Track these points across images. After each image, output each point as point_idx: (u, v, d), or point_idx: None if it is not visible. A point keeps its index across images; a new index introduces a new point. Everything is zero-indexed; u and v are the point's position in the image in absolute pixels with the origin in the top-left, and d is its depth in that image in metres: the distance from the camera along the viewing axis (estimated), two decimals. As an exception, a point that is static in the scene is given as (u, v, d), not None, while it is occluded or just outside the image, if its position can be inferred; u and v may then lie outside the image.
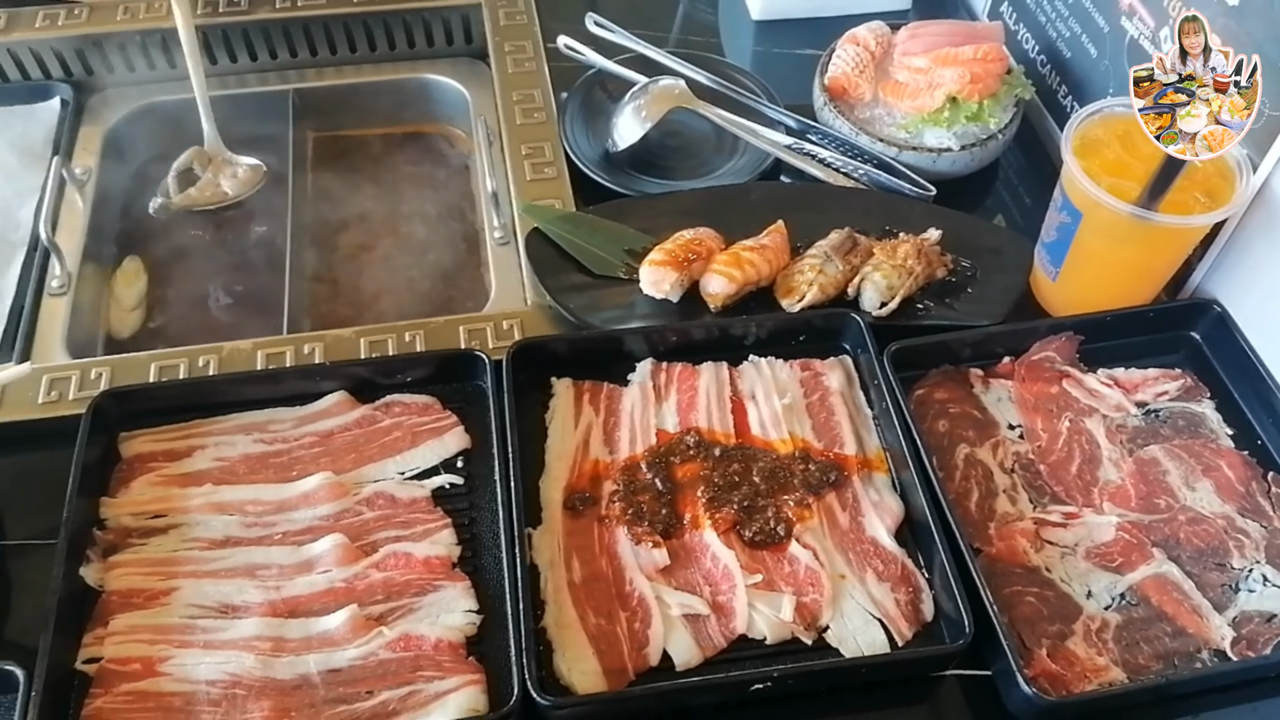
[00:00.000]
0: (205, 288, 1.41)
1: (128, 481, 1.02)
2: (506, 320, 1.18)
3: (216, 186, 1.43)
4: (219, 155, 1.43)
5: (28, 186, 1.39)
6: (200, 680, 0.89)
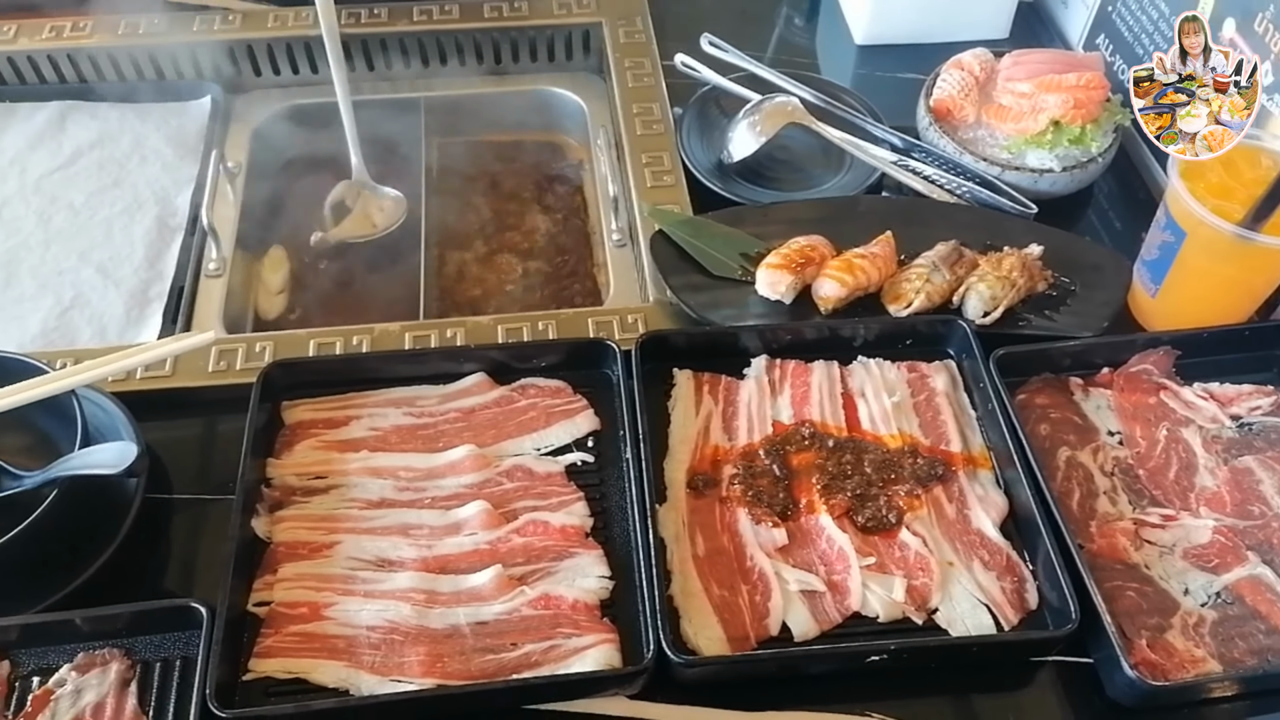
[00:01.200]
0: (344, 276, 1.49)
1: (291, 445, 1.10)
2: (631, 315, 1.25)
3: (366, 218, 1.51)
4: (365, 188, 1.50)
5: (183, 177, 1.49)
6: (361, 625, 0.96)
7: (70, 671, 0.92)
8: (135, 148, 1.51)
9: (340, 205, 1.50)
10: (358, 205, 1.50)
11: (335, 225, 1.49)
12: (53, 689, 0.91)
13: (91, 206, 1.43)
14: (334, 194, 1.50)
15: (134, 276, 1.35)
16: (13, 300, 1.31)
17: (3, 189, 1.44)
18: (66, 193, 1.44)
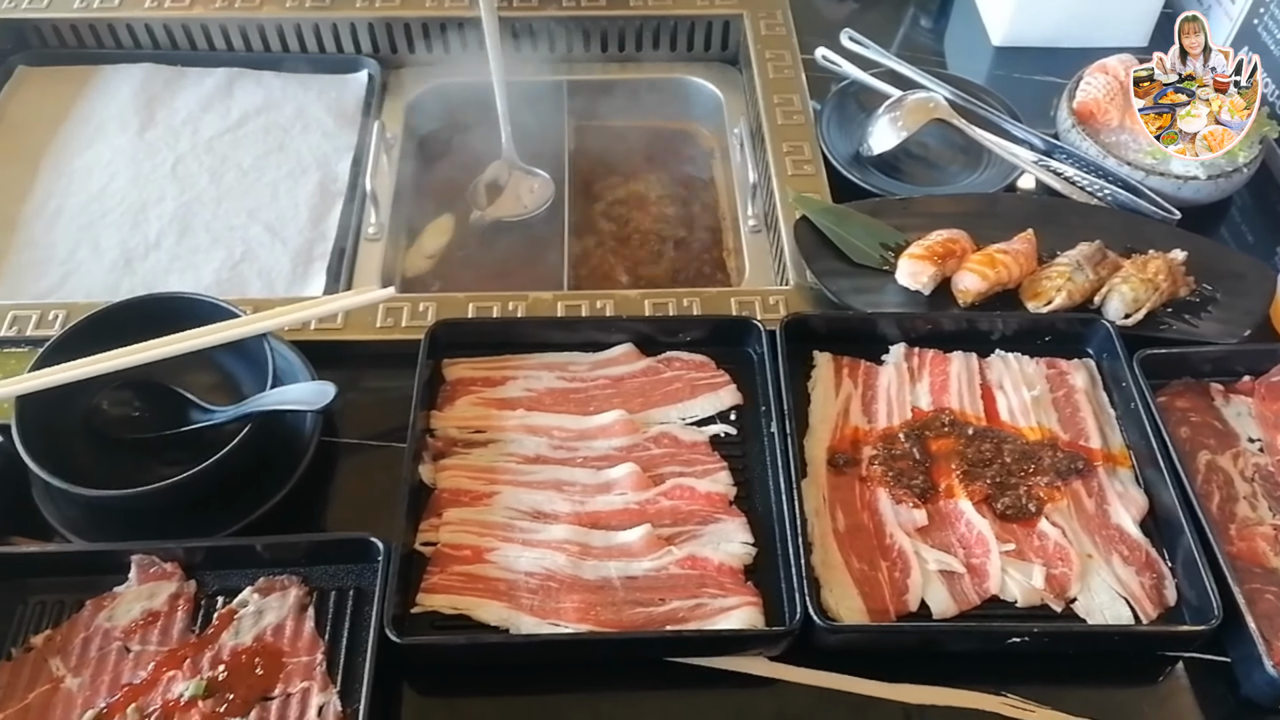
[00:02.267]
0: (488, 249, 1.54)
1: (452, 400, 1.15)
2: (772, 296, 1.27)
3: (516, 199, 1.56)
4: (515, 168, 1.55)
5: (342, 145, 1.55)
6: (520, 571, 1.01)
7: (252, 594, 0.98)
8: (298, 115, 1.58)
9: (492, 184, 1.55)
10: (509, 185, 1.55)
11: (488, 203, 1.54)
12: (236, 609, 0.97)
13: (259, 168, 1.50)
14: (487, 173, 1.55)
15: (299, 236, 1.42)
16: (188, 250, 1.39)
17: (177, 147, 1.51)
18: (235, 154, 1.52)
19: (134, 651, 0.94)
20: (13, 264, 1.35)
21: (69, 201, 1.43)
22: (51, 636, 0.95)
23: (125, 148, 1.50)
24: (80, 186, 1.45)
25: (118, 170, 1.47)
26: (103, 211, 1.42)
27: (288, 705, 0.91)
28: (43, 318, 1.19)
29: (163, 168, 1.48)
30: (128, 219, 1.41)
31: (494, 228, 1.56)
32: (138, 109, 1.56)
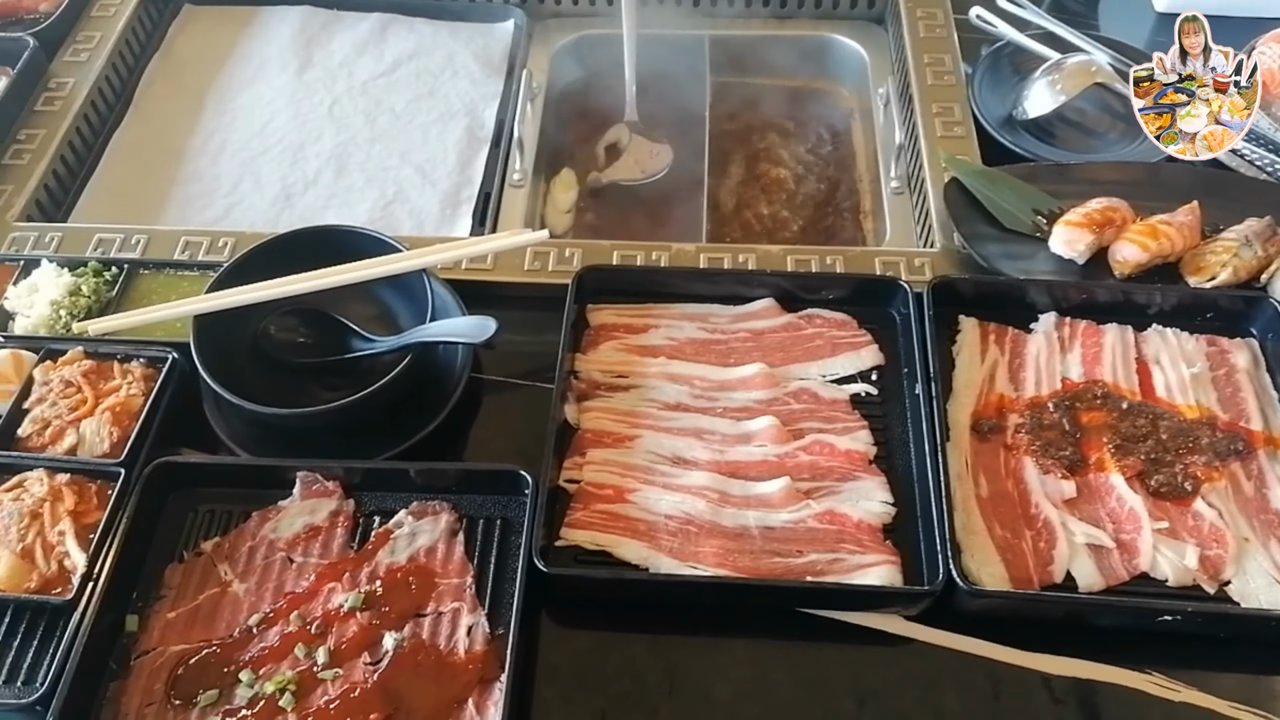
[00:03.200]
0: (626, 201, 1.54)
1: (596, 344, 1.16)
2: (918, 258, 1.24)
3: (634, 164, 1.55)
4: (637, 133, 1.54)
5: (489, 93, 1.57)
6: (660, 513, 1.01)
7: (407, 516, 1.01)
8: (448, 62, 1.60)
9: (612, 147, 1.55)
10: (629, 150, 1.54)
11: (608, 165, 1.55)
12: (392, 529, 1.01)
13: (410, 112, 1.53)
14: (608, 135, 1.55)
15: (447, 179, 1.44)
16: (344, 188, 1.42)
17: (334, 88, 1.55)
18: (389, 97, 1.54)
19: (296, 562, 0.98)
20: (181, 194, 1.41)
21: (232, 137, 1.48)
22: (220, 543, 1.00)
23: (285, 87, 1.55)
24: (243, 123, 1.50)
25: (278, 109, 1.52)
26: (264, 148, 1.47)
27: (439, 623, 0.94)
28: (212, 244, 1.24)
29: (320, 108, 1.52)
30: (287, 156, 1.46)
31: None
32: (296, 50, 1.60)
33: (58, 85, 1.43)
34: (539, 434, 1.07)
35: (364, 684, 0.89)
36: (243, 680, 0.90)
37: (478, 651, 0.92)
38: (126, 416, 1.03)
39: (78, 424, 1.01)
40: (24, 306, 1.14)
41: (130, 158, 1.44)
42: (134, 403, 1.04)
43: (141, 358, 1.08)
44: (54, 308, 1.13)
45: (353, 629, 0.93)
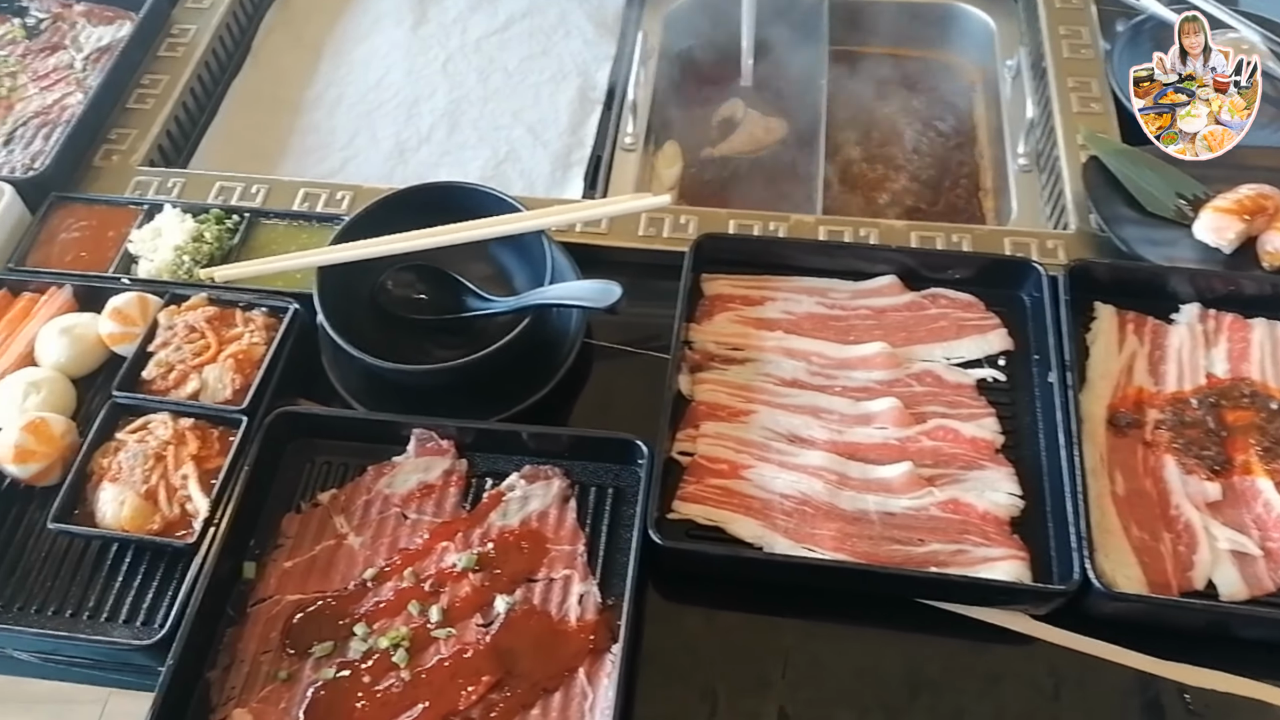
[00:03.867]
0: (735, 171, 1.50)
1: (711, 315, 1.12)
2: (1050, 240, 1.17)
3: (750, 136, 1.51)
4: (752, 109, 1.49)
5: (602, 54, 1.53)
6: (775, 492, 0.98)
7: (519, 479, 0.99)
8: (560, 21, 1.56)
9: (728, 120, 1.50)
10: (744, 124, 1.49)
11: (722, 139, 1.50)
12: (504, 491, 0.99)
13: (523, 71, 1.50)
14: (722, 110, 1.51)
15: (558, 140, 1.41)
16: (456, 145, 1.40)
17: (448, 44, 1.53)
18: (502, 55, 1.52)
19: (410, 519, 0.97)
20: (298, 145, 1.40)
21: (348, 90, 1.47)
22: (336, 495, 0.99)
23: (400, 42, 1.53)
24: (359, 76, 1.49)
25: (393, 63, 1.50)
26: (379, 102, 1.45)
27: (550, 589, 0.92)
28: (331, 197, 1.23)
29: (434, 64, 1.50)
30: (402, 111, 1.44)
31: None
32: (411, 5, 1.58)
33: (180, 31, 1.43)
34: (648, 403, 1.04)
35: (476, 645, 0.88)
36: (357, 634, 0.89)
37: (589, 620, 0.90)
38: (249, 364, 1.02)
39: (201, 370, 1.01)
40: (148, 250, 1.14)
41: (248, 107, 1.44)
42: (256, 351, 1.03)
43: (263, 307, 1.07)
44: (177, 253, 1.13)
45: (465, 589, 0.92)
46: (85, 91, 1.34)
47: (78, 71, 1.37)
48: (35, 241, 1.16)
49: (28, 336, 1.05)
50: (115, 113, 1.33)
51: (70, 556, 0.95)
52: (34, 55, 1.40)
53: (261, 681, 0.87)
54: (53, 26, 1.44)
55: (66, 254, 1.15)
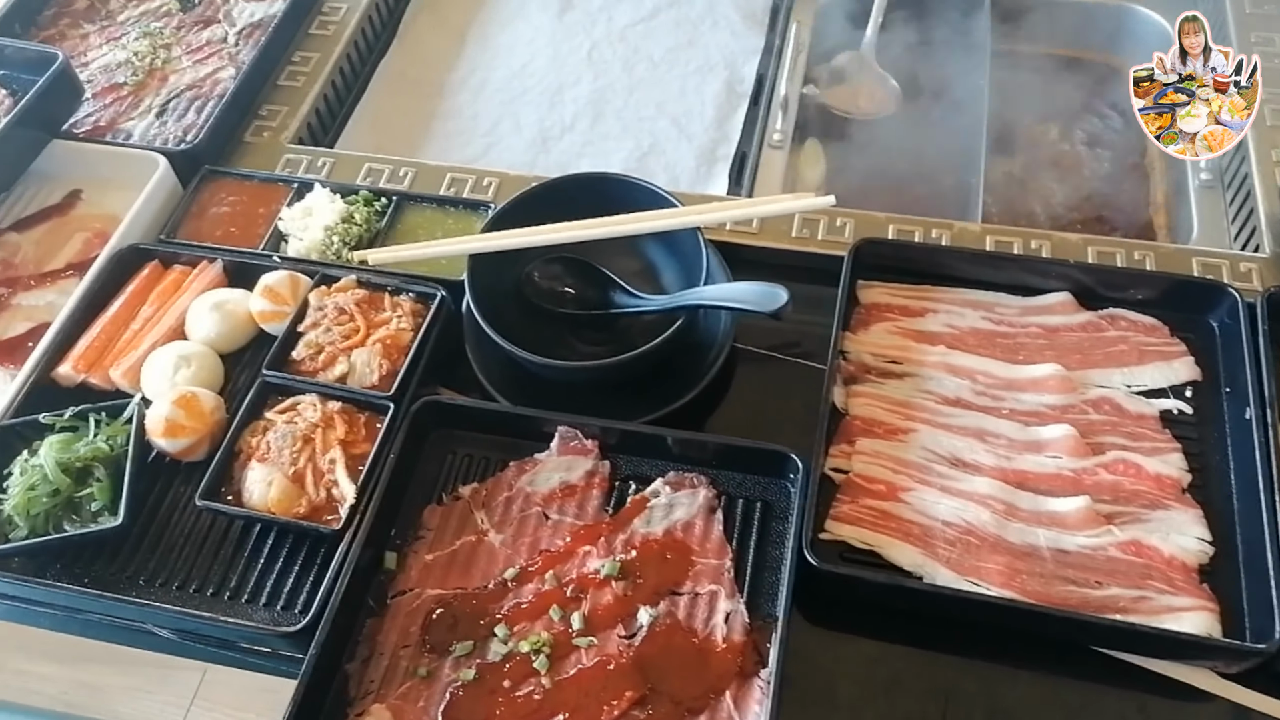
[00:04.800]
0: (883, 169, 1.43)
1: (867, 324, 1.06)
2: (1244, 263, 1.08)
3: (853, 98, 1.44)
4: (869, 68, 1.42)
5: (749, 46, 1.47)
6: (937, 518, 0.92)
7: (663, 485, 0.95)
8: (708, 11, 1.51)
9: (839, 71, 1.44)
10: (855, 79, 1.42)
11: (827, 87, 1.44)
12: (648, 497, 0.95)
13: (668, 62, 1.45)
14: (838, 59, 1.44)
15: (704, 134, 1.36)
16: (599, 136, 1.37)
17: (593, 32, 1.49)
18: (647, 45, 1.48)
19: (551, 519, 0.94)
20: (441, 130, 1.39)
21: (492, 75, 1.45)
22: (478, 490, 0.96)
23: (545, 28, 1.50)
24: (503, 62, 1.46)
25: (537, 50, 1.47)
26: (523, 89, 1.43)
27: (695, 604, 0.88)
28: (478, 183, 1.21)
29: (579, 52, 1.47)
30: (545, 99, 1.41)
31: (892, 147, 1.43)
32: (558, -10, 1.55)
33: (330, 10, 1.43)
34: (796, 413, 1.00)
35: (619, 657, 0.84)
36: (497, 635, 0.86)
37: (737, 641, 0.85)
38: (396, 350, 1.01)
39: (349, 353, 1.00)
40: (297, 229, 1.14)
41: (394, 89, 1.43)
42: (403, 337, 1.01)
43: (410, 292, 1.06)
44: (327, 233, 1.12)
45: (608, 597, 0.88)
46: (237, 66, 1.34)
47: (230, 46, 1.38)
48: (186, 214, 1.17)
49: (179, 310, 1.05)
50: (266, 89, 1.33)
51: (213, 534, 0.94)
52: (188, 28, 1.41)
53: (400, 677, 0.85)
54: (206, 1, 1.45)
55: (217, 228, 1.15)
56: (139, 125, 1.28)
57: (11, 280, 1.13)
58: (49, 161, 1.20)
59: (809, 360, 1.06)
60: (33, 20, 1.42)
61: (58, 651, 0.94)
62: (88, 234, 1.17)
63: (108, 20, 1.43)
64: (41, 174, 1.20)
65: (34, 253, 1.15)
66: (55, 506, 0.91)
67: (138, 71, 1.33)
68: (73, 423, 0.96)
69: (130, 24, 1.42)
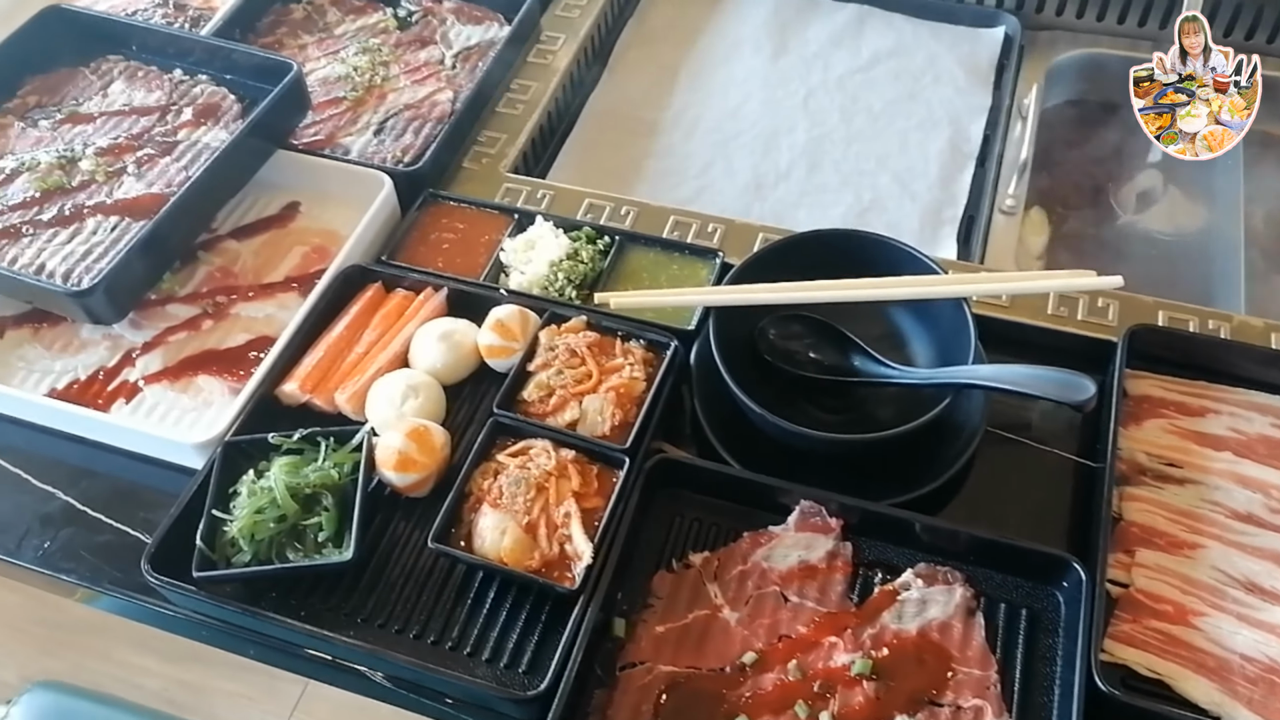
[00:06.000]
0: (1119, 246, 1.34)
1: (1139, 419, 0.97)
2: None
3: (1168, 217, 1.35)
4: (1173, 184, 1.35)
5: (975, 104, 1.41)
6: (1235, 650, 0.82)
7: (915, 577, 0.88)
8: (929, 65, 1.46)
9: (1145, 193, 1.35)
10: (1163, 199, 1.34)
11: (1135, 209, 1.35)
12: (898, 590, 0.87)
13: (889, 114, 1.39)
14: (1140, 180, 1.36)
15: (928, 193, 1.30)
16: (816, 187, 1.31)
17: (808, 79, 1.45)
18: (866, 95, 1.42)
19: (791, 601, 0.87)
20: (653, 168, 1.35)
21: (705, 115, 1.41)
22: (710, 559, 0.90)
23: (758, 70, 1.46)
24: (716, 102, 1.42)
25: (751, 92, 1.43)
26: (736, 132, 1.38)
27: (958, 718, 0.80)
28: (702, 228, 1.16)
29: (794, 98, 1.42)
30: (759, 144, 1.37)
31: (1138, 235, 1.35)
32: (770, 34, 1.51)
33: (549, 39, 1.41)
34: (1049, 508, 0.94)
35: (876, 770, 0.77)
36: (738, 726, 0.79)
37: (1008, 768, 0.77)
38: (628, 400, 0.96)
39: (580, 398, 0.95)
40: (520, 262, 1.10)
41: (604, 123, 1.40)
42: (636, 386, 0.96)
43: (642, 339, 1.01)
44: (552, 269, 1.08)
45: (859, 698, 0.81)
46: (455, 90, 1.33)
47: (448, 68, 1.37)
48: (408, 237, 1.14)
49: (405, 337, 1.02)
50: (485, 115, 1.31)
51: (434, 578, 0.90)
52: (405, 47, 1.40)
53: (633, 761, 0.79)
54: (423, 20, 1.44)
55: (438, 254, 1.13)
56: (357, 141, 1.26)
57: (231, 289, 1.12)
58: (270, 170, 1.19)
59: (1063, 450, 0.98)
60: (251, 27, 1.43)
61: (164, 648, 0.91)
62: (306, 248, 1.16)
63: (325, 32, 1.44)
64: (262, 183, 1.19)
65: (253, 262, 1.14)
66: (280, 533, 0.87)
67: (357, 87, 1.32)
68: (300, 445, 0.93)
69: (348, 38, 1.42)
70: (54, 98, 1.24)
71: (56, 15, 1.28)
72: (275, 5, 1.46)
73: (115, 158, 1.14)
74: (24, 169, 1.14)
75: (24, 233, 1.07)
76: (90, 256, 1.05)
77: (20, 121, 1.21)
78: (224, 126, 1.18)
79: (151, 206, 1.08)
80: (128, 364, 1.06)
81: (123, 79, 1.25)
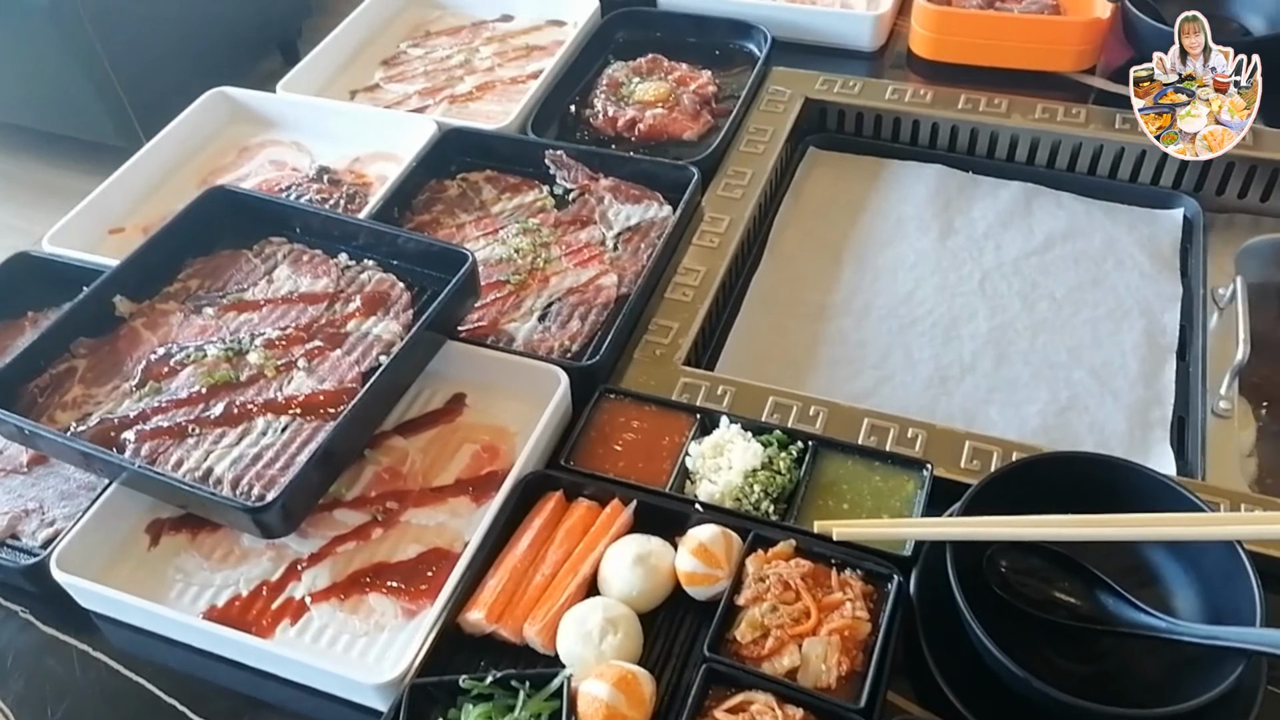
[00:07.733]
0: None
1: None
2: None
3: None
4: None
5: (1165, 292, 1.34)
6: None
7: None
8: (1109, 248, 1.40)
9: None
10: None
11: None
12: None
13: (1073, 302, 1.33)
14: None
15: (1130, 391, 1.22)
16: (1006, 381, 1.24)
17: (981, 261, 1.40)
18: (1045, 280, 1.36)
19: None
20: (824, 356, 1.29)
21: (876, 300, 1.36)
22: (961, 844, 0.79)
23: (927, 252, 1.41)
24: (886, 286, 1.37)
25: (923, 275, 1.38)
26: (912, 318, 1.33)
27: None
28: (902, 434, 1.09)
29: (969, 281, 1.37)
30: (938, 331, 1.31)
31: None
32: (935, 212, 1.47)
33: (714, 220, 1.38)
34: None
35: None
36: None
37: None
38: (853, 644, 0.87)
39: (799, 641, 0.86)
40: (709, 470, 1.04)
41: (770, 306, 1.36)
42: (860, 628, 0.88)
43: (858, 569, 0.92)
44: (747, 480, 1.01)
45: None
46: (619, 272, 1.30)
47: (610, 250, 1.34)
48: (585, 438, 1.09)
49: (594, 558, 0.95)
50: (654, 302, 1.27)
51: None
52: (564, 227, 1.38)
53: None
54: (580, 199, 1.43)
55: (619, 458, 1.07)
56: (521, 328, 1.23)
57: (401, 493, 1.06)
58: (435, 360, 1.16)
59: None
60: (408, 204, 1.43)
61: None
62: (476, 445, 1.11)
63: (481, 210, 1.43)
64: (427, 373, 1.15)
65: (421, 462, 1.09)
66: (475, 796, 0.79)
67: (520, 270, 1.30)
68: (491, 689, 0.85)
69: (504, 217, 1.41)
70: (216, 282, 1.23)
71: (222, 196, 1.28)
72: (430, 182, 1.46)
73: (284, 350, 1.12)
74: (189, 361, 1.12)
75: (189, 432, 1.04)
76: (260, 462, 1.00)
77: (182, 308, 1.20)
78: (394, 317, 1.15)
79: (324, 406, 1.05)
80: (293, 577, 1.00)
81: (287, 263, 1.24)
